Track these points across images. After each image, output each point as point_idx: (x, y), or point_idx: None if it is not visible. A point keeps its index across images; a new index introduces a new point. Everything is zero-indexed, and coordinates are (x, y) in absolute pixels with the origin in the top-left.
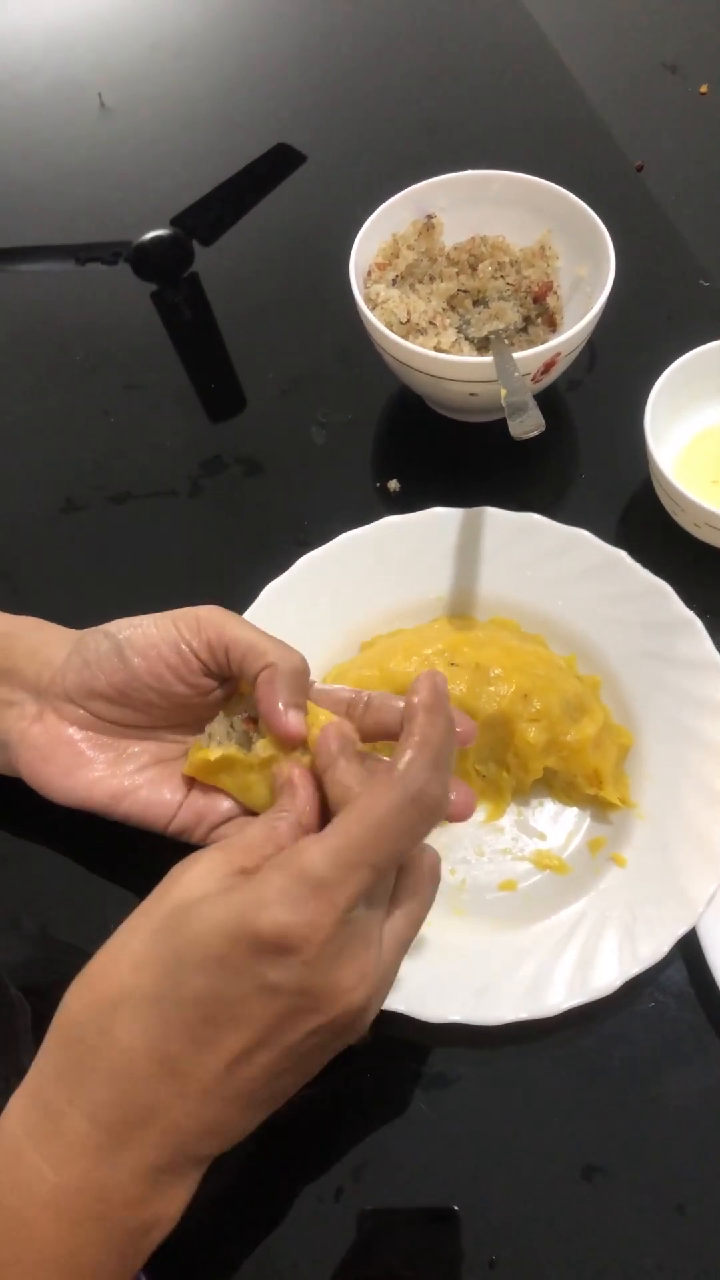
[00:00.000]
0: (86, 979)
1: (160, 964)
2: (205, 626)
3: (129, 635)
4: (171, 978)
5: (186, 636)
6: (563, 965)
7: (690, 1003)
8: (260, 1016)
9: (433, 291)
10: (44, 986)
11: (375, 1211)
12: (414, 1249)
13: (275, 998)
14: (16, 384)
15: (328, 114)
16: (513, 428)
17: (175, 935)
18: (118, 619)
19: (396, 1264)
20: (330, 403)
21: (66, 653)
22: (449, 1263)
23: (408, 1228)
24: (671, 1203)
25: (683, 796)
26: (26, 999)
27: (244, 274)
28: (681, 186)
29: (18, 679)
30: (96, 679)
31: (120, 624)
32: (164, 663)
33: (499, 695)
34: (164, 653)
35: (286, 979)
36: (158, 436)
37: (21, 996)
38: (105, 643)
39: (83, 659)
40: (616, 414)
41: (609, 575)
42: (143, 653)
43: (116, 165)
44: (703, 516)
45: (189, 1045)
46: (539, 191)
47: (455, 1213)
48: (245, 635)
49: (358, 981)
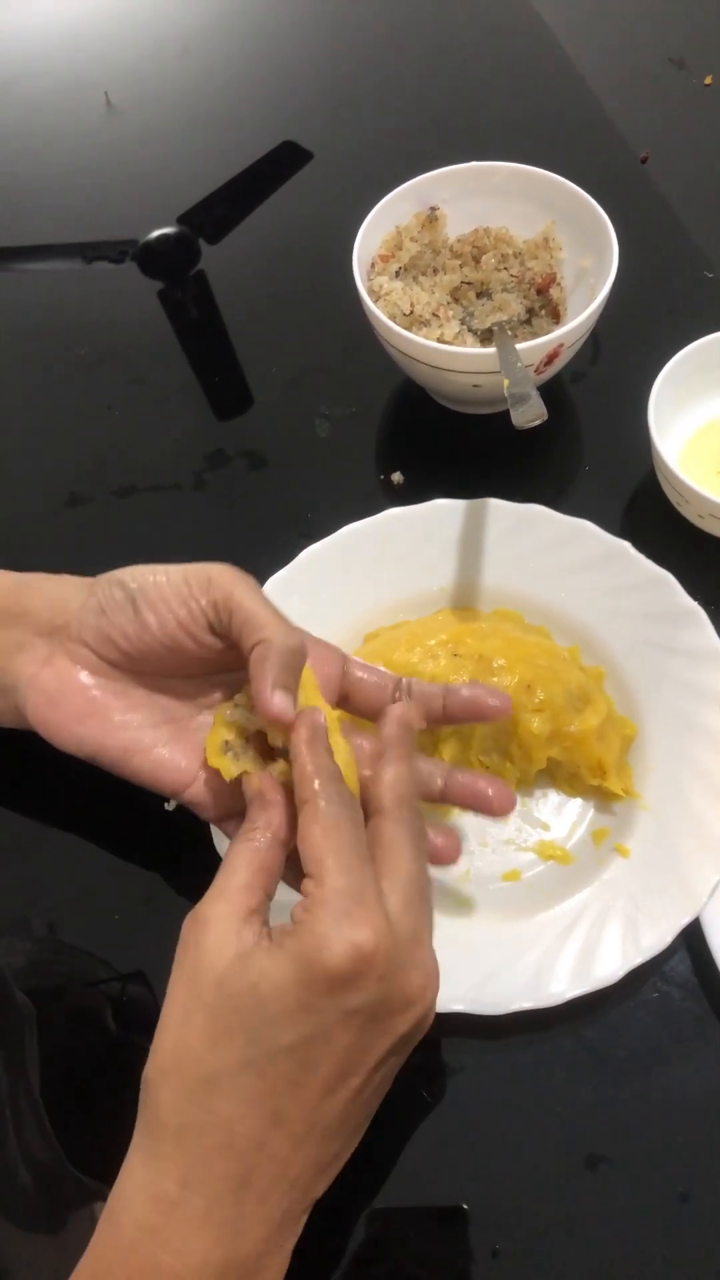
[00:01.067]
0: (166, 1070)
1: (243, 1034)
2: (214, 586)
3: (141, 586)
4: (257, 1040)
5: (195, 593)
6: (566, 955)
7: (694, 992)
8: (345, 1041)
9: (436, 284)
10: (49, 990)
11: (378, 1201)
12: (417, 1239)
13: (356, 1018)
14: (23, 382)
15: (333, 111)
16: (515, 417)
17: (245, 1004)
18: (130, 566)
19: (401, 1256)
20: (334, 396)
21: (82, 598)
22: (452, 1252)
23: (410, 1218)
24: (675, 1191)
25: (686, 787)
26: (32, 1002)
27: (250, 271)
28: (686, 178)
29: (30, 622)
30: (112, 626)
31: (133, 572)
32: (174, 617)
33: (502, 686)
34: (174, 607)
35: (364, 1000)
36: (162, 431)
37: (28, 1000)
38: (119, 592)
39: (98, 604)
40: (620, 406)
41: (612, 566)
42: (154, 605)
43: (123, 163)
44: (707, 508)
45: (289, 1092)
46: (542, 183)
47: (458, 1203)
48: (248, 603)
49: (424, 981)
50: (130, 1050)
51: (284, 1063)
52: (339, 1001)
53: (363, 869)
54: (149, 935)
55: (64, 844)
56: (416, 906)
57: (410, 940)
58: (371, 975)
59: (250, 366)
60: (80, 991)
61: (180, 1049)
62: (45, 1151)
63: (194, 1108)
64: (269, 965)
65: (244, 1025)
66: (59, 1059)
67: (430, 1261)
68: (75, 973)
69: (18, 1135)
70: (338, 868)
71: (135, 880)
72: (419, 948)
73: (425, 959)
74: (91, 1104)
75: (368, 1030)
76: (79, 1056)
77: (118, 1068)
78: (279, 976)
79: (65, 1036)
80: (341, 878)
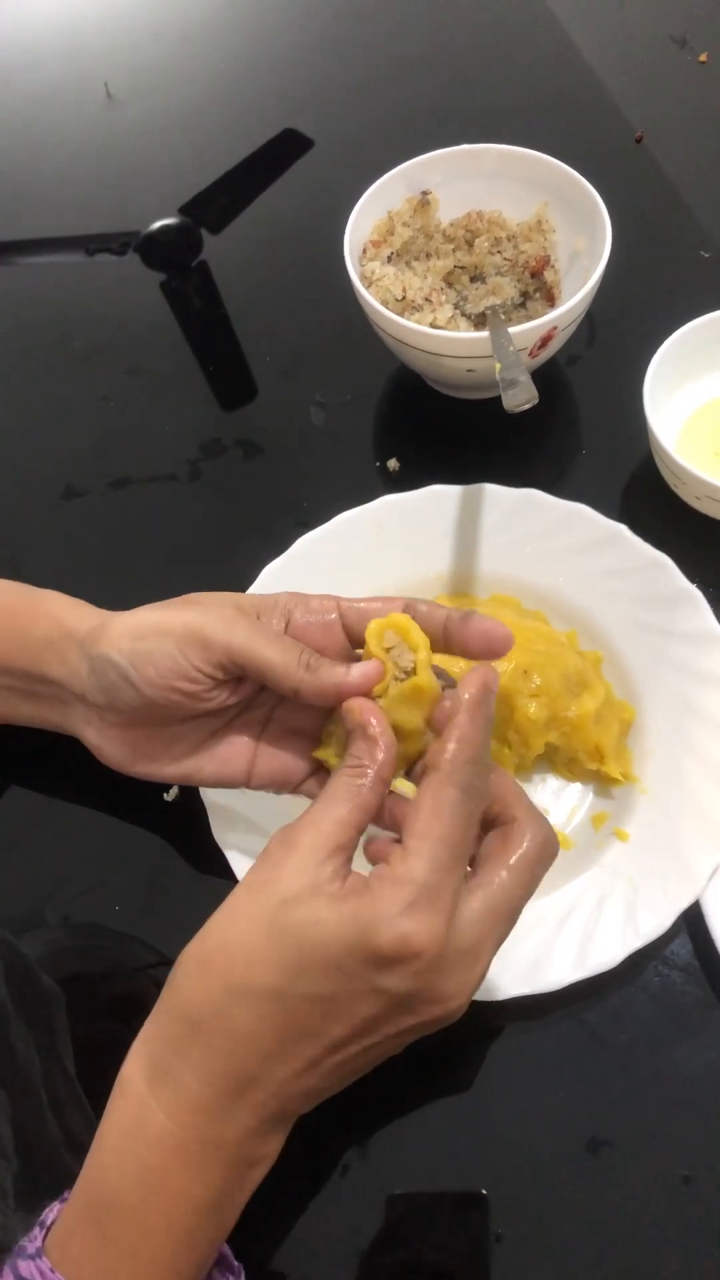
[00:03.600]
0: (201, 962)
1: (279, 964)
2: (212, 648)
3: (133, 664)
4: (291, 977)
5: (195, 662)
6: (565, 940)
7: (695, 976)
8: (366, 1012)
9: (429, 269)
10: (74, 975)
11: (380, 1186)
12: (420, 1223)
13: (383, 997)
14: (23, 375)
15: (334, 98)
16: (506, 401)
17: (293, 938)
18: (120, 627)
19: (407, 1235)
20: (329, 383)
21: (86, 667)
22: (454, 1237)
23: (416, 1202)
24: (677, 1174)
25: (685, 770)
26: (71, 988)
27: (251, 260)
28: (682, 157)
29: (62, 684)
30: (118, 701)
31: (124, 643)
32: (174, 690)
33: (499, 671)
34: (173, 683)
35: (397, 985)
36: (158, 422)
37: (56, 986)
38: (113, 673)
39: (99, 685)
40: (617, 388)
41: (609, 549)
42: (150, 682)
43: (124, 155)
44: (704, 489)
45: (302, 1034)
46: (533, 164)
47: (459, 1187)
48: (253, 653)
49: (458, 990)
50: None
51: (305, 1008)
52: (373, 977)
53: (451, 867)
54: (151, 925)
55: (65, 838)
56: (492, 922)
57: (467, 951)
58: (411, 967)
59: (247, 356)
60: (125, 977)
61: (222, 950)
62: (89, 1136)
63: (212, 1008)
64: (327, 914)
65: (283, 957)
66: (103, 1045)
67: (432, 1245)
68: (96, 957)
69: (58, 1118)
70: (428, 856)
71: (138, 870)
72: (473, 961)
73: (472, 974)
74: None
75: (390, 1010)
76: (124, 1043)
77: None
78: (330, 930)
79: (108, 1021)
80: (427, 868)
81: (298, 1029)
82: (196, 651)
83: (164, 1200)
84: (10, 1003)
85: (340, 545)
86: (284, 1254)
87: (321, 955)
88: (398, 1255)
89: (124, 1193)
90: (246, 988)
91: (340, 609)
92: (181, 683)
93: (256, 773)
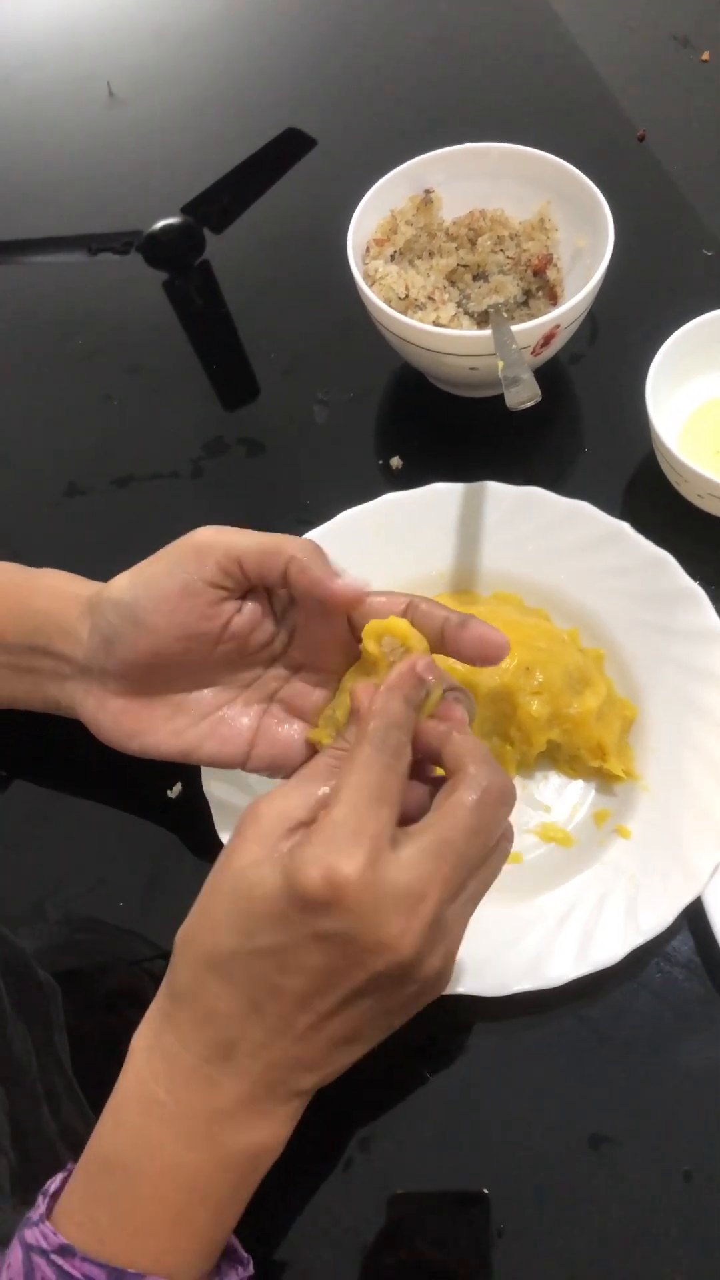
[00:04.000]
0: (184, 939)
1: (235, 926)
2: (207, 553)
3: (135, 597)
4: (246, 936)
5: (193, 572)
6: (567, 937)
7: (697, 973)
8: (317, 961)
9: (432, 267)
10: (70, 970)
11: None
12: (422, 1218)
13: (327, 944)
14: (26, 374)
15: (336, 96)
16: (508, 398)
17: (244, 899)
18: (119, 579)
19: (404, 1237)
20: (332, 381)
21: (88, 627)
22: (455, 1231)
23: (417, 1199)
24: (678, 1170)
25: (687, 768)
26: (69, 982)
27: (254, 259)
28: (685, 156)
29: (61, 656)
30: (122, 650)
31: (124, 583)
32: (181, 609)
33: (501, 669)
34: (178, 601)
35: (334, 927)
36: (161, 420)
37: (51, 979)
38: (113, 615)
39: (102, 637)
40: (619, 386)
41: (611, 547)
42: (156, 609)
43: (126, 154)
44: (706, 487)
45: (266, 990)
46: (536, 163)
47: (462, 1184)
48: (250, 543)
49: (401, 933)
50: None
51: (262, 962)
52: (310, 922)
53: (370, 810)
54: (155, 922)
55: (68, 834)
56: (432, 862)
57: (404, 890)
58: (341, 905)
59: (250, 354)
60: (120, 970)
61: (198, 924)
62: (86, 1131)
63: (193, 980)
64: (267, 873)
65: (237, 920)
66: (98, 1039)
67: (435, 1241)
68: (93, 951)
69: (53, 1113)
70: (346, 802)
71: (140, 866)
72: (414, 902)
73: (415, 917)
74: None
75: (339, 960)
76: (119, 1036)
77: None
78: (270, 884)
79: (104, 1016)
80: (343, 810)
81: (261, 986)
82: (194, 563)
83: (155, 1168)
84: (7, 998)
85: (343, 543)
86: (285, 1250)
87: (266, 908)
88: (399, 1255)
89: (119, 1157)
90: (215, 955)
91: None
92: (185, 599)
93: (255, 754)
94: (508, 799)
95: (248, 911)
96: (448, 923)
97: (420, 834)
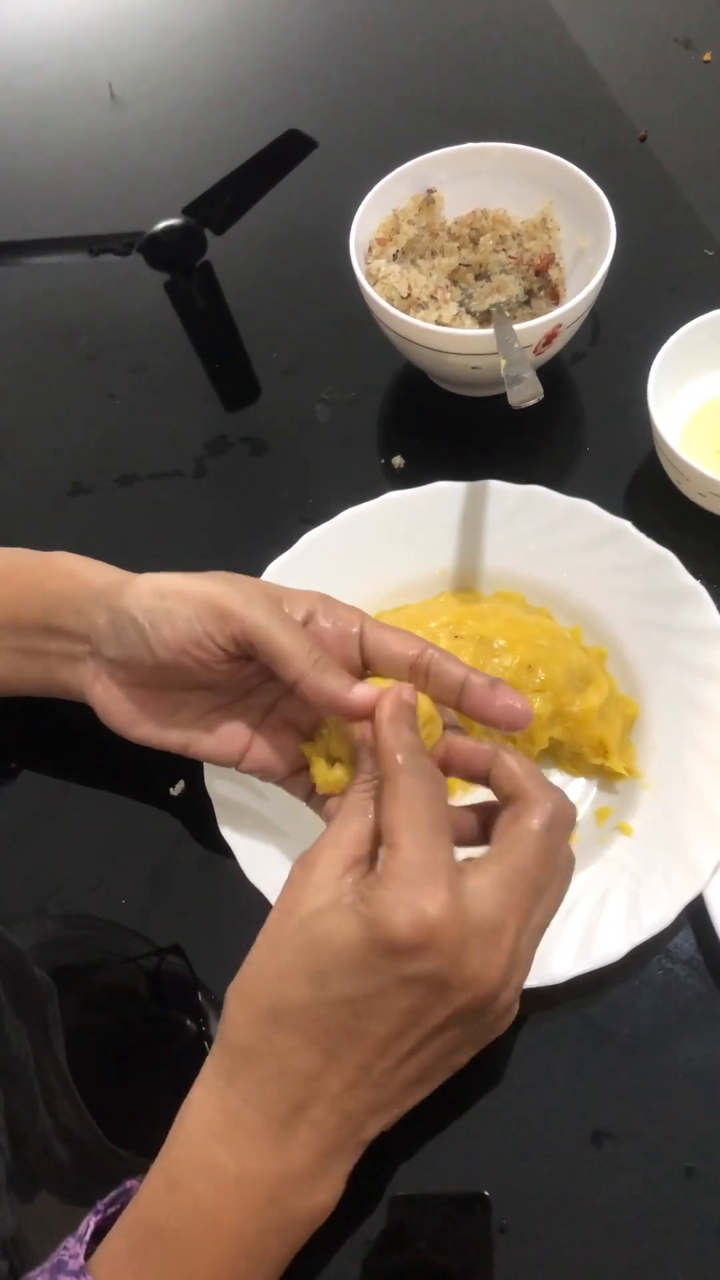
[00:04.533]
0: (243, 993)
1: (306, 975)
2: (227, 622)
3: (152, 621)
4: (319, 985)
5: (211, 629)
6: (569, 934)
7: (699, 970)
8: (403, 1005)
9: (434, 266)
10: (66, 966)
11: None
12: (425, 1216)
13: (415, 985)
14: (28, 374)
15: (337, 98)
16: (511, 397)
17: (315, 948)
18: (145, 584)
19: (408, 1236)
20: (334, 381)
21: (104, 619)
22: (456, 1228)
23: (420, 1198)
24: (680, 1167)
25: (688, 765)
26: (63, 979)
27: (255, 260)
28: (687, 156)
29: (75, 635)
30: (130, 656)
31: (148, 601)
32: (190, 653)
33: (503, 667)
34: (187, 645)
35: (424, 969)
36: (163, 419)
37: (48, 978)
38: (131, 629)
39: (117, 638)
40: (621, 385)
41: (613, 546)
42: (166, 643)
43: (128, 155)
44: (707, 486)
45: (345, 1039)
46: (538, 162)
47: (464, 1181)
48: (268, 636)
49: (485, 967)
50: (166, 1025)
51: (341, 1012)
52: (399, 967)
53: (434, 841)
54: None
55: (70, 831)
56: (507, 893)
57: (487, 926)
58: (433, 948)
59: (252, 354)
60: (116, 967)
61: (258, 976)
62: (81, 1128)
63: (257, 1035)
64: (344, 920)
65: (312, 969)
66: (93, 1036)
67: (437, 1237)
68: (91, 950)
69: (50, 1111)
70: (408, 840)
71: (142, 864)
72: (496, 936)
73: (499, 951)
74: (127, 1080)
75: (426, 999)
76: (114, 1033)
77: (153, 1043)
78: (349, 932)
79: (98, 1013)
80: (410, 849)
81: (337, 1035)
82: (213, 621)
83: (212, 1238)
84: (3, 995)
85: (345, 542)
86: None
87: (346, 958)
88: (400, 1257)
89: (172, 1224)
90: (282, 1007)
91: (363, 627)
92: (194, 648)
93: (249, 757)
94: (572, 821)
95: (320, 960)
96: (521, 952)
97: (491, 863)
